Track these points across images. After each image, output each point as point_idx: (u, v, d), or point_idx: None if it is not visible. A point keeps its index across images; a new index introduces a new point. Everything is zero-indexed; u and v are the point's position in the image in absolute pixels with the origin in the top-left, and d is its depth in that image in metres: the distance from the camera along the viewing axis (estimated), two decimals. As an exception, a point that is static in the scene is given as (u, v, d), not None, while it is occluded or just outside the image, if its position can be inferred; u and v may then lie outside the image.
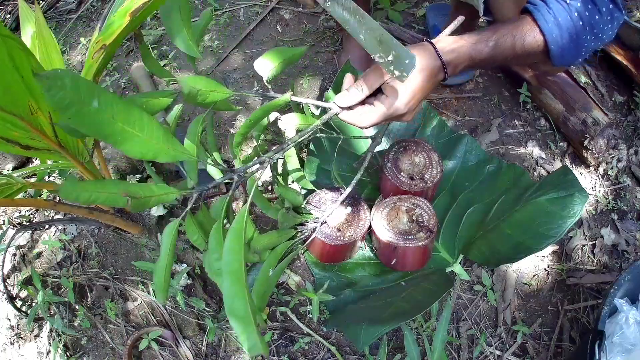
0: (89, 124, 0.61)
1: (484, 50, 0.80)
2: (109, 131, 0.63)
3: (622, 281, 0.91)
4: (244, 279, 0.69)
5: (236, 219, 0.73)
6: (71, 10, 1.98)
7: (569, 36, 0.80)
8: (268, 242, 0.98)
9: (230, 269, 0.69)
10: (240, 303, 0.68)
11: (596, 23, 0.80)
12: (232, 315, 0.67)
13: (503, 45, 0.80)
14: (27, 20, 1.03)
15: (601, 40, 0.83)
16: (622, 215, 1.22)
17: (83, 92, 0.58)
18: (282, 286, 1.16)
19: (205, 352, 1.12)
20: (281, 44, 1.63)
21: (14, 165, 1.47)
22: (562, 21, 0.79)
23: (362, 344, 0.88)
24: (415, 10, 1.65)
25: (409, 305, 0.93)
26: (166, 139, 0.69)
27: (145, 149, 0.67)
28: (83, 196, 0.65)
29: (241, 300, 0.68)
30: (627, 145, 1.29)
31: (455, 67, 0.80)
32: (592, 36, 0.81)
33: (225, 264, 0.70)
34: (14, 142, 0.83)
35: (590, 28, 0.80)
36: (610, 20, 0.81)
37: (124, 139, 0.64)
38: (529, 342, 1.07)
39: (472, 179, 1.21)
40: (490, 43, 0.80)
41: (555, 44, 0.81)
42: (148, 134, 0.67)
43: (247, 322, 0.67)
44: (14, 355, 1.17)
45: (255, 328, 0.67)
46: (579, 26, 0.79)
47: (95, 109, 0.59)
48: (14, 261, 1.30)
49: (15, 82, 0.73)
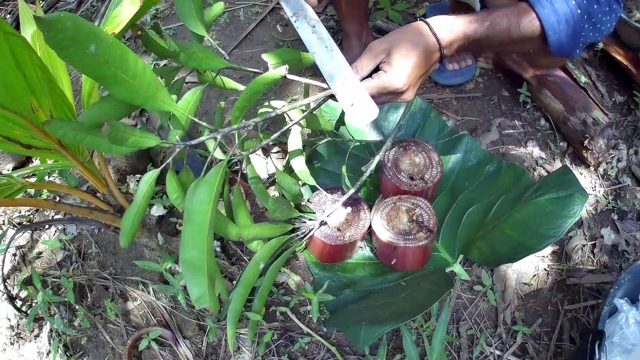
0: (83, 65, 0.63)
1: (478, 29, 0.80)
2: (102, 74, 0.65)
3: (622, 281, 0.91)
4: (207, 232, 0.69)
5: (210, 172, 0.73)
6: (71, 10, 1.98)
7: (566, 23, 0.79)
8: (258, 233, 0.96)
9: (195, 218, 0.69)
10: (196, 253, 0.68)
11: (594, 12, 0.79)
12: (185, 262, 0.68)
13: (498, 26, 0.80)
14: (27, 19, 1.03)
15: (600, 32, 0.83)
16: (622, 215, 1.22)
17: (82, 35, 0.60)
18: (282, 286, 1.16)
19: (205, 352, 1.12)
20: (281, 44, 1.63)
21: (14, 165, 1.47)
22: (559, 8, 0.79)
23: (362, 344, 0.88)
24: (415, 10, 1.65)
25: (409, 305, 0.93)
26: (156, 89, 0.72)
27: (134, 95, 0.70)
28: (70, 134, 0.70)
29: (199, 252, 0.68)
30: (627, 145, 1.29)
31: (450, 45, 0.80)
32: (591, 25, 0.81)
33: (191, 212, 0.70)
34: (14, 141, 0.83)
35: (589, 17, 0.79)
36: (608, 11, 0.81)
37: (115, 83, 0.67)
38: (529, 342, 1.07)
39: (472, 179, 1.21)
40: (486, 23, 0.80)
41: (552, 30, 0.80)
42: (139, 81, 0.69)
43: (199, 272, 0.67)
44: (14, 355, 1.17)
45: (206, 280, 0.67)
46: (576, 14, 0.79)
47: (92, 53, 0.62)
48: (14, 261, 1.30)
49: (16, 80, 0.72)
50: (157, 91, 0.72)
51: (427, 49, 0.77)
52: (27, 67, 0.72)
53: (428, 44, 0.77)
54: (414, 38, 0.77)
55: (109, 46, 0.64)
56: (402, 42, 0.77)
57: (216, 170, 0.75)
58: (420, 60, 0.77)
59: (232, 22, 1.74)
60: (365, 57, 0.79)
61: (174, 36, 1.73)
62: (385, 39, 0.79)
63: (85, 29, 0.61)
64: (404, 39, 0.78)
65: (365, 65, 0.79)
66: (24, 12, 1.05)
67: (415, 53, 0.76)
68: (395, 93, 0.80)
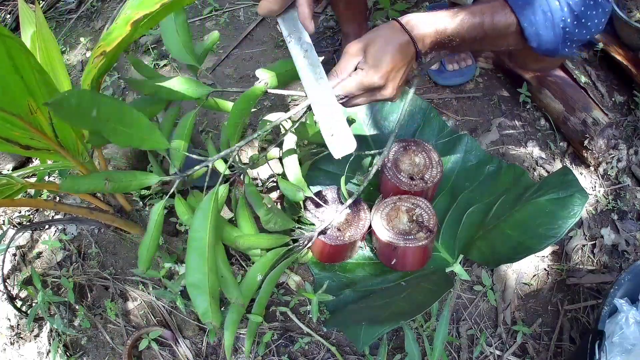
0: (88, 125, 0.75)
1: (449, 25, 0.80)
2: (104, 129, 0.75)
3: (622, 281, 0.91)
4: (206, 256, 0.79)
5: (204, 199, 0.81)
6: (71, 10, 1.98)
7: (543, 14, 0.78)
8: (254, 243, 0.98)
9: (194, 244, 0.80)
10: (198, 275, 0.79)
11: (575, 4, 0.78)
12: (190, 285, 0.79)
13: (470, 21, 0.80)
14: (27, 20, 1.03)
15: (587, 29, 0.81)
16: (622, 215, 1.22)
17: (85, 104, 0.70)
18: (282, 286, 1.16)
19: (205, 352, 1.12)
20: (281, 44, 1.63)
21: (14, 165, 1.47)
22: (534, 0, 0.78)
23: (362, 344, 0.88)
24: (415, 10, 1.65)
25: (409, 305, 0.93)
26: (151, 132, 0.82)
27: (132, 140, 0.81)
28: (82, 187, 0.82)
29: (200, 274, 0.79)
30: (627, 145, 1.29)
31: (422, 41, 0.80)
32: (574, 20, 0.79)
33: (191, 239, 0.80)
34: (13, 142, 0.83)
35: (570, 10, 0.78)
36: (593, 5, 0.79)
37: (115, 134, 0.77)
38: (529, 342, 1.07)
39: (472, 179, 1.21)
40: (457, 18, 0.80)
41: (528, 22, 0.79)
42: (136, 129, 0.79)
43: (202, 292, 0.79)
44: (14, 355, 1.17)
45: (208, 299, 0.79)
46: (554, 6, 0.78)
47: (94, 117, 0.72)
48: (14, 261, 1.30)
49: (14, 82, 0.73)
50: (152, 133, 0.82)
51: (401, 43, 0.78)
52: (24, 69, 0.72)
53: (401, 41, 0.79)
54: (387, 35, 0.79)
55: (107, 108, 0.74)
56: (376, 40, 0.79)
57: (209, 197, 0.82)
58: (394, 55, 0.78)
59: (232, 22, 1.74)
60: (342, 60, 0.80)
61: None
62: (360, 40, 0.80)
63: (86, 97, 0.71)
64: (377, 36, 0.79)
65: (343, 68, 0.80)
66: (23, 13, 1.04)
67: (389, 48, 0.78)
68: (373, 89, 0.81)
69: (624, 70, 1.39)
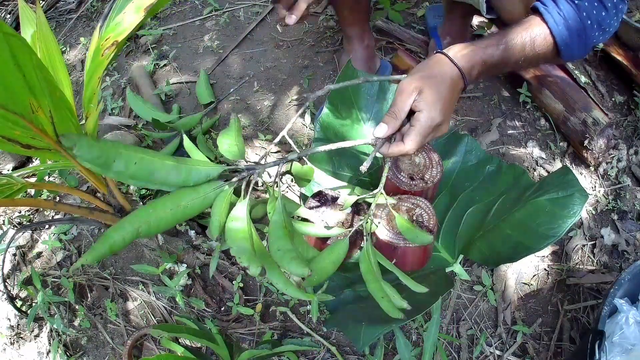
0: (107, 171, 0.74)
1: (495, 53, 0.82)
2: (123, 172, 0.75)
3: (622, 281, 0.91)
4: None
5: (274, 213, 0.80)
6: (71, 10, 1.98)
7: (578, 37, 0.81)
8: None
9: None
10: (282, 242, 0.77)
11: (603, 20, 0.81)
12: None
13: (514, 47, 0.81)
14: (28, 19, 1.03)
15: (608, 34, 0.85)
16: (622, 215, 1.22)
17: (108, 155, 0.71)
18: (282, 286, 1.16)
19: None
20: (281, 44, 1.63)
21: (14, 165, 1.47)
22: (572, 23, 0.80)
23: (362, 344, 0.88)
24: (415, 10, 1.65)
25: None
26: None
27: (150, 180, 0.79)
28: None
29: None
30: (627, 145, 1.29)
31: (470, 73, 0.81)
32: (600, 32, 0.83)
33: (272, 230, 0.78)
34: (14, 141, 0.83)
35: (598, 25, 0.82)
36: (615, 13, 0.83)
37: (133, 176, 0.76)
38: (529, 342, 1.07)
39: (472, 179, 1.21)
40: (501, 46, 0.81)
41: (565, 45, 0.82)
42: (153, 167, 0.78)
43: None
44: (14, 355, 1.17)
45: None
46: (587, 25, 0.81)
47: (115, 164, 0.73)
48: (14, 261, 1.30)
49: (16, 81, 0.72)
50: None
51: (452, 80, 0.80)
52: (26, 67, 0.72)
53: (453, 76, 0.80)
54: (439, 72, 0.79)
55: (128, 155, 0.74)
56: (430, 79, 0.79)
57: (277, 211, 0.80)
58: (450, 93, 0.79)
59: (232, 22, 1.74)
60: (399, 101, 0.80)
61: (174, 36, 1.73)
62: (413, 78, 0.80)
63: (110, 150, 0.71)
64: (431, 75, 0.79)
65: (401, 108, 0.80)
66: (24, 12, 1.04)
67: (445, 87, 0.78)
68: (435, 129, 0.82)
69: (624, 70, 1.39)
